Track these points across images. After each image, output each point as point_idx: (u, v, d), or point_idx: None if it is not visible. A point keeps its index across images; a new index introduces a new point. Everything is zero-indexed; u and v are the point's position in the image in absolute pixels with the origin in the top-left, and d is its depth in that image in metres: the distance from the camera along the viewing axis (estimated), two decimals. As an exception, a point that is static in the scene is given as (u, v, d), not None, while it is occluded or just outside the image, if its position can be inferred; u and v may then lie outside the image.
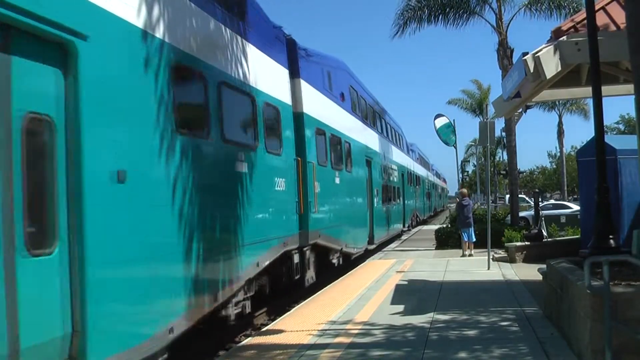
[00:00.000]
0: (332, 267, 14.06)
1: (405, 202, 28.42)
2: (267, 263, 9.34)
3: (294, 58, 11.67)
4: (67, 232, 4.88)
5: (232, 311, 8.32)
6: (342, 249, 14.43)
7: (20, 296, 4.34)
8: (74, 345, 4.86)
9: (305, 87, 12.05)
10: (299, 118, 11.61)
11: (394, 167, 25.20)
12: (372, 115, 20.74)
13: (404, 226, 28.10)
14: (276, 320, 9.15)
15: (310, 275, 12.25)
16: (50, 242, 4.75)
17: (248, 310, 9.05)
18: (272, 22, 10.74)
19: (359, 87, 18.76)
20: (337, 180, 14.30)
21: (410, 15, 21.11)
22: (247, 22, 9.18)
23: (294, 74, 11.60)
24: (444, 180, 73.04)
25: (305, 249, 11.68)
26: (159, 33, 6.38)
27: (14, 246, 4.33)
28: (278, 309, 11.02)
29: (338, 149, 14.80)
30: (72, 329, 4.86)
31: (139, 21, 6.01)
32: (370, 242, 18.51)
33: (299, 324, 8.55)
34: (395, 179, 25.16)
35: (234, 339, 8.97)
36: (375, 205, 19.55)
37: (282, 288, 11.11)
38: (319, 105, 13.14)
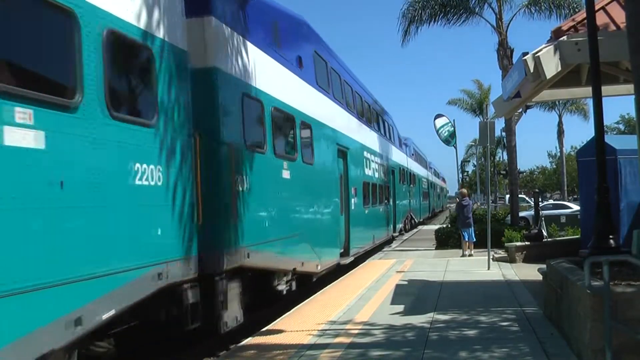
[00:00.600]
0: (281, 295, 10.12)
1: (397, 203, 25.17)
2: (109, 315, 5.45)
3: None
4: None
5: None
6: (295, 269, 10.44)
7: None
8: None
9: (222, 31, 8.12)
10: (207, 74, 7.74)
11: (382, 162, 21.51)
12: (350, 97, 16.79)
13: (394, 231, 24.69)
14: (276, 320, 9.14)
15: (233, 315, 7.94)
16: None
17: None
18: None
19: (331, 57, 14.52)
20: (286, 174, 10.26)
21: (412, 18, 21.15)
22: None
23: (201, 9, 7.71)
24: (444, 180, 72.42)
25: (219, 278, 7.52)
26: None
27: None
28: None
29: (288, 130, 10.75)
30: None
31: None
32: (345, 254, 14.77)
33: (298, 324, 8.55)
34: (383, 176, 21.54)
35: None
36: (353, 207, 15.65)
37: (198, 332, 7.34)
38: (251, 64, 9.08)
